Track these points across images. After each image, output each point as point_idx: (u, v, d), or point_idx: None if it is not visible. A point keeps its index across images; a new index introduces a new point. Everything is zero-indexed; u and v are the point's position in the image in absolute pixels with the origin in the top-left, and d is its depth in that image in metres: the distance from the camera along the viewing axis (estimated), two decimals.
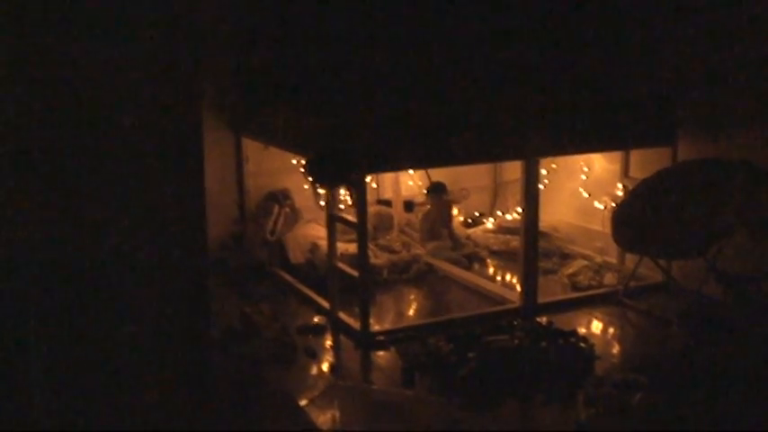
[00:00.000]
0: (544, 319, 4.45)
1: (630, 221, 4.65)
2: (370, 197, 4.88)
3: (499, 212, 6.34)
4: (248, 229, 5.62)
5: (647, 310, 4.70)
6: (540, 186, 4.77)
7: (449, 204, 5.85)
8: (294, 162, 5.53)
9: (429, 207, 5.84)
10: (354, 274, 4.41)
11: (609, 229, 4.85)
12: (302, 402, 3.65)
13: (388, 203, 6.05)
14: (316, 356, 4.14)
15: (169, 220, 2.90)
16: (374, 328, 4.39)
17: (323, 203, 4.79)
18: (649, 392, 3.63)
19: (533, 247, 4.71)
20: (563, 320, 4.46)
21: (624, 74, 4.82)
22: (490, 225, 6.23)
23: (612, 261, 5.36)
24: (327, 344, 4.35)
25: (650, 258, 4.80)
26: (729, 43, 4.67)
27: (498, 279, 5.40)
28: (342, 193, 4.81)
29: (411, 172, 5.98)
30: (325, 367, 4.05)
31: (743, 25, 4.60)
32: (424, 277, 5.37)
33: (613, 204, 5.16)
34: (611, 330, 4.54)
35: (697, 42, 4.82)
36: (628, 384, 3.69)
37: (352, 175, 4.28)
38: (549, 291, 4.99)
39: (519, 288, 4.80)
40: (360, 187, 4.27)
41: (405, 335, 4.32)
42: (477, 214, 6.38)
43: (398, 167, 5.12)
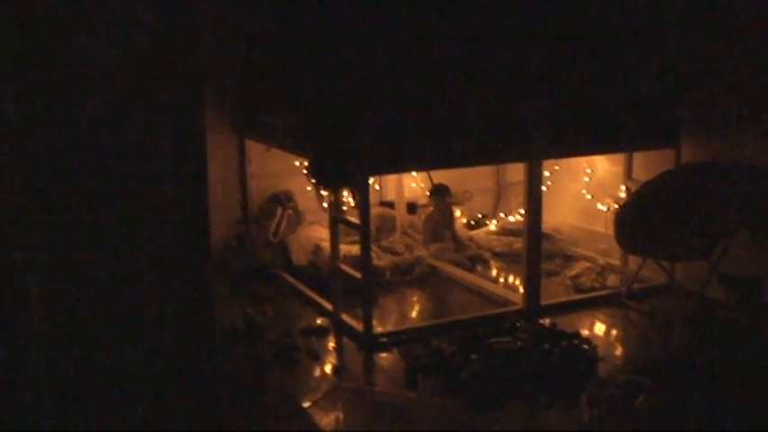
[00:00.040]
0: (547, 320, 4.45)
1: (633, 223, 4.65)
2: (372, 199, 4.88)
3: (502, 214, 6.35)
4: (251, 230, 5.63)
5: (650, 311, 4.70)
6: (543, 188, 4.77)
7: (450, 206, 5.85)
8: (297, 164, 5.54)
9: (432, 209, 5.84)
10: (357, 275, 4.41)
11: (612, 231, 4.84)
12: (305, 404, 3.65)
13: (390, 205, 6.05)
14: (318, 358, 4.15)
15: (172, 221, 2.90)
16: (377, 329, 4.40)
17: (326, 205, 4.79)
18: (652, 394, 3.62)
19: (536, 249, 4.71)
20: (566, 322, 4.46)
21: (627, 76, 4.81)
22: (493, 227, 6.23)
23: (615, 263, 5.37)
24: (330, 346, 4.35)
25: (653, 260, 4.80)
26: (732, 45, 4.67)
27: (501, 281, 5.40)
28: (344, 194, 4.82)
29: (414, 174, 5.98)
30: (328, 369, 4.05)
31: (746, 27, 4.60)
32: (426, 279, 5.37)
33: (616, 206, 5.16)
34: (614, 332, 4.54)
35: (700, 44, 4.82)
36: (631, 386, 3.68)
37: (355, 177, 4.28)
38: (552, 292, 4.99)
39: (522, 290, 4.80)
40: (363, 189, 4.27)
41: (407, 337, 4.32)
42: (479, 216, 6.39)
43: (401, 169, 5.12)
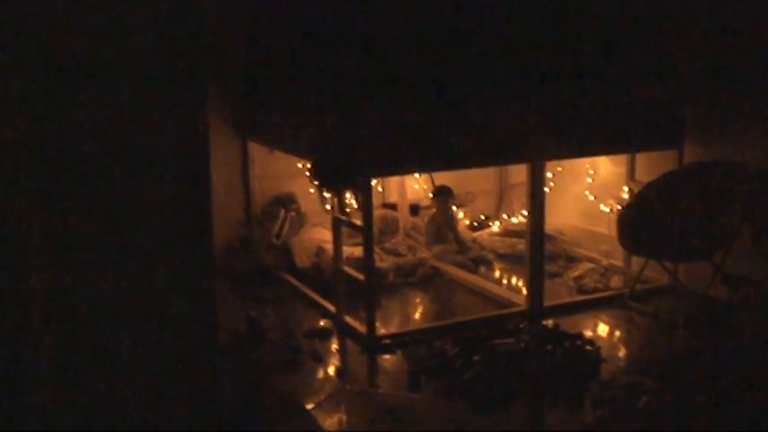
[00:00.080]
0: (550, 321, 4.44)
1: (636, 224, 4.65)
2: (375, 201, 4.88)
3: (505, 216, 6.34)
4: (254, 232, 5.63)
5: (653, 312, 4.69)
6: (546, 189, 4.77)
7: (453, 208, 5.85)
8: (300, 166, 5.55)
9: (434, 211, 5.84)
10: (360, 277, 4.41)
11: (615, 232, 4.84)
12: (308, 406, 3.65)
13: (393, 207, 6.05)
14: (322, 360, 4.15)
15: (174, 223, 2.90)
16: (380, 331, 4.40)
17: (328, 207, 4.80)
18: (656, 395, 3.62)
19: (539, 251, 4.70)
20: (569, 323, 4.45)
21: (629, 76, 4.81)
22: (496, 228, 6.23)
23: (618, 264, 5.36)
24: (333, 348, 4.35)
25: (656, 261, 4.79)
26: (735, 45, 4.66)
27: (504, 282, 5.40)
28: (347, 196, 4.81)
29: (417, 175, 5.98)
30: (332, 371, 4.05)
31: (749, 27, 4.59)
32: (429, 281, 5.37)
33: (619, 207, 5.15)
34: (617, 333, 4.53)
35: (703, 44, 4.81)
36: (634, 387, 3.67)
37: (358, 179, 4.28)
38: (555, 294, 4.99)
39: (525, 291, 4.79)
40: (365, 191, 4.27)
41: (411, 338, 4.32)
42: (482, 217, 6.38)
43: (404, 171, 5.12)
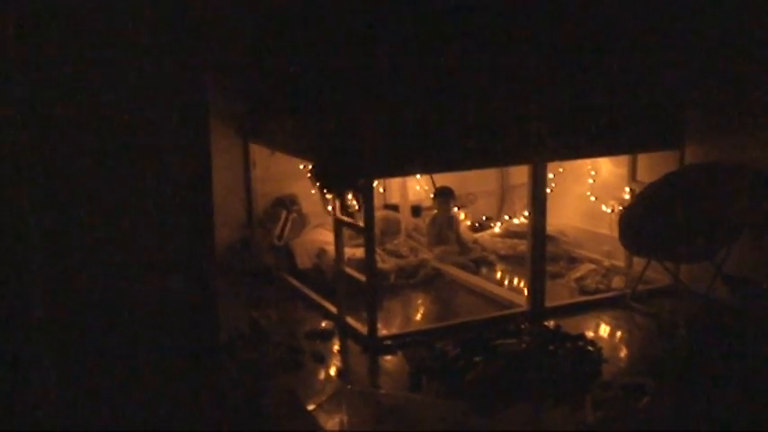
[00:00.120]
0: (552, 322, 4.44)
1: (638, 225, 4.65)
2: (377, 202, 4.89)
3: (506, 217, 6.34)
4: (256, 234, 5.64)
5: (654, 313, 4.69)
6: (548, 190, 4.77)
7: (454, 209, 5.86)
8: (301, 167, 5.55)
9: (436, 212, 5.85)
10: (362, 278, 4.42)
11: (616, 233, 4.85)
12: (310, 407, 3.66)
13: (395, 208, 6.06)
14: (323, 361, 4.15)
15: (177, 224, 2.91)
16: (381, 332, 4.40)
17: (330, 209, 4.81)
18: (656, 396, 3.62)
19: (541, 251, 4.71)
20: (571, 324, 4.46)
21: (631, 78, 4.81)
22: (497, 229, 6.23)
23: (620, 264, 5.36)
24: (335, 348, 4.36)
25: (658, 262, 4.79)
26: (736, 47, 4.66)
27: (506, 283, 5.40)
28: (349, 198, 4.82)
29: (418, 177, 5.98)
30: (333, 372, 4.05)
31: (750, 29, 4.60)
32: (431, 282, 5.38)
33: (620, 208, 5.16)
34: (618, 334, 4.54)
35: (704, 46, 4.81)
36: (635, 388, 3.68)
37: (359, 181, 4.29)
38: (557, 294, 4.99)
39: (526, 292, 4.80)
40: (367, 192, 4.28)
41: (412, 339, 4.32)
42: (484, 218, 6.39)
43: (405, 172, 5.12)
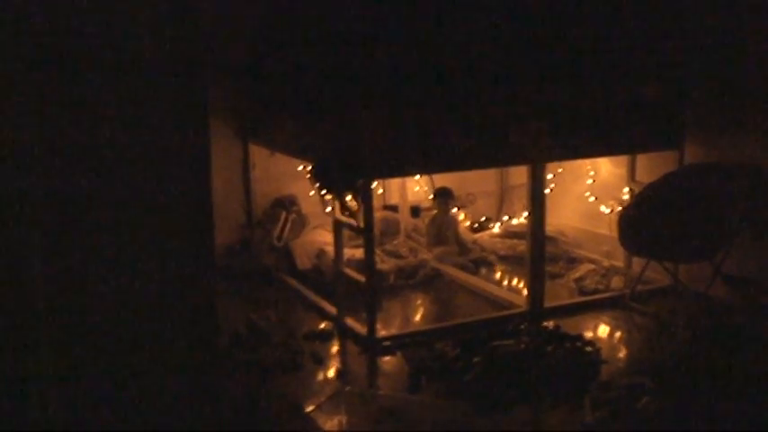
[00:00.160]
0: (551, 323, 4.44)
1: (637, 225, 4.65)
2: (376, 203, 4.89)
3: (505, 217, 6.34)
4: (255, 235, 5.64)
5: (654, 313, 4.69)
6: (547, 191, 4.77)
7: (453, 209, 5.86)
8: (300, 168, 5.55)
9: (435, 212, 5.84)
10: (361, 279, 4.41)
11: (615, 233, 4.85)
12: (309, 408, 3.66)
13: (394, 209, 6.05)
14: (322, 362, 4.15)
15: (176, 225, 2.91)
16: (380, 333, 4.40)
17: (329, 209, 4.80)
18: (655, 396, 3.62)
19: (540, 252, 4.71)
20: (570, 324, 4.46)
21: (630, 78, 4.81)
22: (497, 230, 6.23)
23: (619, 265, 5.36)
24: (334, 349, 4.36)
25: (657, 262, 4.79)
26: (736, 47, 4.67)
27: (505, 283, 5.40)
28: (348, 198, 4.82)
29: (417, 177, 5.98)
30: (332, 373, 4.05)
31: (750, 30, 4.60)
32: (430, 282, 5.38)
33: (620, 208, 5.16)
34: (617, 334, 4.53)
35: (703, 46, 4.81)
36: (634, 388, 3.68)
37: (359, 181, 4.29)
38: (556, 295, 4.99)
39: (525, 292, 4.80)
40: (366, 193, 4.28)
41: (411, 340, 4.32)
42: (483, 219, 6.39)
43: (405, 173, 5.12)
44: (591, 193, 5.65)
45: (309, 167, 4.93)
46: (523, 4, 4.51)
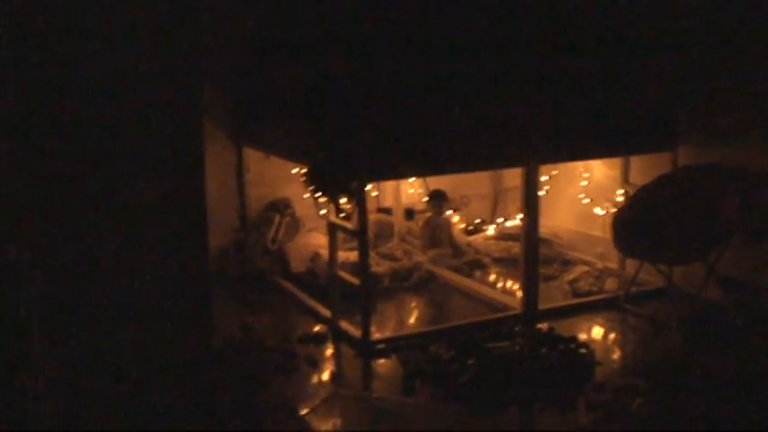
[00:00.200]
0: (545, 325, 4.44)
1: (631, 227, 4.66)
2: (370, 205, 4.89)
3: (500, 219, 6.35)
4: (249, 238, 5.64)
5: (648, 315, 4.70)
6: (541, 193, 4.78)
7: (445, 212, 5.87)
8: (295, 171, 5.55)
9: (429, 215, 5.85)
10: (355, 282, 4.41)
11: (609, 235, 4.85)
12: (303, 411, 3.65)
13: (388, 211, 6.06)
14: (317, 365, 4.15)
15: (170, 228, 2.90)
16: (375, 336, 4.40)
17: (323, 212, 4.80)
18: (649, 397, 3.63)
19: (534, 254, 4.71)
20: (564, 326, 4.46)
21: (624, 80, 4.83)
22: (491, 232, 6.24)
23: (613, 267, 5.37)
24: (328, 352, 4.35)
25: (651, 263, 4.80)
26: (729, 49, 4.68)
27: (499, 286, 5.40)
28: (342, 201, 4.83)
29: (411, 180, 5.99)
30: (326, 376, 4.05)
31: (743, 32, 4.61)
32: (425, 285, 5.38)
33: (614, 210, 5.16)
34: (611, 336, 4.54)
35: (697, 48, 4.83)
36: (628, 389, 3.69)
37: (353, 184, 4.29)
38: (550, 297, 4.99)
39: (520, 294, 4.80)
40: (360, 196, 4.28)
41: (405, 343, 4.32)
42: (477, 221, 6.39)
43: (399, 176, 5.13)
44: (585, 195, 5.66)
45: (304, 170, 4.94)
46: (518, 6, 4.52)
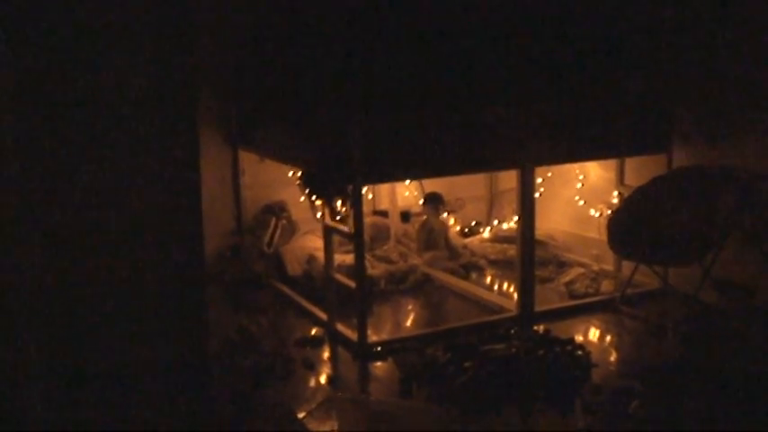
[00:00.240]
0: (541, 327, 4.44)
1: (626, 229, 4.66)
2: (366, 208, 4.88)
3: (495, 221, 6.36)
4: (245, 241, 5.63)
5: (644, 316, 4.70)
6: (536, 195, 4.78)
7: (440, 214, 5.87)
8: (290, 174, 5.55)
9: (425, 217, 5.85)
10: (352, 285, 4.41)
11: (605, 237, 4.86)
12: (300, 414, 3.65)
13: (384, 214, 6.05)
14: (313, 368, 4.14)
15: (166, 232, 2.91)
16: (372, 338, 4.40)
17: (319, 215, 4.80)
18: (646, 399, 3.63)
19: (530, 256, 4.71)
20: (560, 328, 4.46)
21: (619, 81, 4.84)
22: (487, 234, 6.24)
23: (609, 268, 5.38)
24: (325, 355, 4.35)
25: (646, 265, 4.81)
26: (724, 51, 4.69)
27: (495, 288, 5.40)
28: (338, 204, 4.82)
29: (407, 183, 5.99)
30: (323, 379, 4.04)
31: (738, 33, 4.62)
32: (421, 287, 5.37)
33: (609, 212, 5.17)
34: (608, 338, 4.54)
35: (692, 50, 4.84)
36: (625, 391, 3.69)
37: (348, 187, 4.29)
38: (546, 299, 4.99)
39: (516, 297, 4.80)
40: (356, 198, 4.28)
41: (402, 345, 4.32)
42: (473, 224, 6.40)
43: (394, 178, 5.13)
44: (580, 196, 5.67)
45: (299, 173, 4.93)
46: (511, 8, 4.53)
